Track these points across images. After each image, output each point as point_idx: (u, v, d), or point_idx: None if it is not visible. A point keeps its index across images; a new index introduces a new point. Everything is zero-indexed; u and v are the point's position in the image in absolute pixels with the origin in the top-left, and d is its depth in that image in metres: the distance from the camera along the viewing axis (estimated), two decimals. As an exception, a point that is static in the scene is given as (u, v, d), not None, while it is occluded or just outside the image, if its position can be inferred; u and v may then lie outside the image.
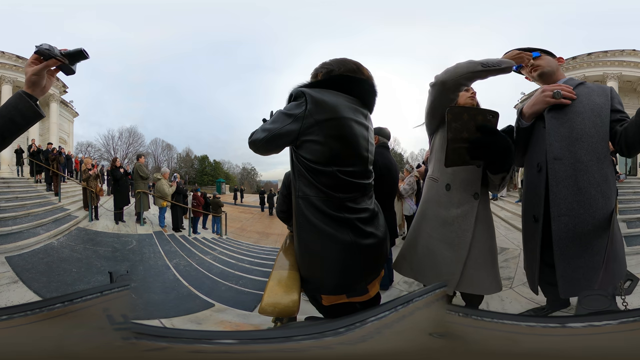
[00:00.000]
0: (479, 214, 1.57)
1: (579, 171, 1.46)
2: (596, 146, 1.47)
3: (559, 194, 1.49)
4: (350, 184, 1.29)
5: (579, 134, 1.47)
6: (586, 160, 1.46)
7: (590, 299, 0.52)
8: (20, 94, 1.10)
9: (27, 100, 1.10)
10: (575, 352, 0.42)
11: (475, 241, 1.56)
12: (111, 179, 7.39)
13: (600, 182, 1.47)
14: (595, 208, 1.47)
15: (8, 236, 4.75)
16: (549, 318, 0.46)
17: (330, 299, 1.39)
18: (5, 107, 1.09)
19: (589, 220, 1.46)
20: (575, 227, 1.47)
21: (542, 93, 1.53)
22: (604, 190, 1.48)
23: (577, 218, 1.47)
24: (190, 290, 4.28)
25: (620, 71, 10.41)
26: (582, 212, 1.47)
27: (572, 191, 1.47)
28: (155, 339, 0.43)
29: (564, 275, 1.51)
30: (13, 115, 1.08)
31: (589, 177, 1.46)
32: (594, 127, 1.48)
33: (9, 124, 1.08)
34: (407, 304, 0.49)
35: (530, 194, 1.64)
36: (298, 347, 0.43)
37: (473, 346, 0.45)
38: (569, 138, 1.48)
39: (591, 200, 1.46)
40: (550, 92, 1.50)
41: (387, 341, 0.45)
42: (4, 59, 9.59)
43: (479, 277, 1.56)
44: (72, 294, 0.49)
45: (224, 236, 8.44)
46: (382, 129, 2.80)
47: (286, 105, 1.29)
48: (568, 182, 1.48)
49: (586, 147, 1.47)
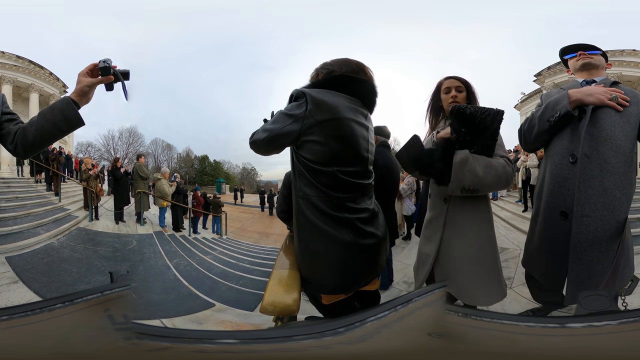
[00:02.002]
0: (448, 218, 1.52)
1: (606, 172, 1.42)
2: (624, 149, 1.43)
3: (584, 192, 1.43)
4: (350, 184, 1.29)
5: (607, 135, 1.43)
6: (613, 161, 1.42)
7: (590, 299, 0.52)
8: (68, 101, 1.13)
9: (74, 108, 1.13)
10: (575, 352, 0.42)
11: (444, 245, 1.52)
12: (111, 179, 7.40)
13: (625, 185, 1.43)
14: (620, 211, 1.42)
15: (8, 236, 4.74)
16: (549, 318, 0.46)
17: (329, 298, 1.39)
18: (51, 111, 1.12)
19: (612, 223, 1.40)
20: (596, 230, 1.41)
21: (603, 91, 1.47)
22: (629, 193, 1.44)
23: (599, 220, 1.41)
24: (190, 290, 4.28)
25: (620, 71, 10.40)
26: (605, 214, 1.41)
27: (596, 192, 1.42)
28: (157, 339, 0.43)
29: (576, 282, 1.44)
30: (58, 120, 1.11)
31: (615, 179, 1.41)
32: (622, 132, 1.44)
33: (53, 128, 1.11)
34: (406, 304, 0.49)
35: (557, 187, 1.53)
36: (298, 347, 0.43)
37: (472, 346, 0.45)
38: (598, 138, 1.44)
39: (615, 202, 1.41)
40: (610, 94, 1.46)
41: (386, 341, 0.45)
42: (4, 59, 9.59)
43: (447, 278, 1.51)
44: (72, 294, 0.49)
45: (224, 236, 8.44)
46: (382, 128, 2.79)
47: (287, 106, 1.29)
48: (594, 182, 1.42)
49: (614, 148, 1.42)
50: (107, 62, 1.18)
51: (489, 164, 1.39)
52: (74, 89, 1.17)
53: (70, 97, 1.15)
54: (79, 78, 1.17)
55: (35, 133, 1.11)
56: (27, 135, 1.11)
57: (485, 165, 1.39)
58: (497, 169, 1.40)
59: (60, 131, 1.13)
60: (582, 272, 1.43)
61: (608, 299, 0.52)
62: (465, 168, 1.36)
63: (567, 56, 1.73)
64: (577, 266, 1.44)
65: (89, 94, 1.17)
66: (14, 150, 1.14)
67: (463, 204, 1.51)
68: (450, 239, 1.51)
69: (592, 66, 1.63)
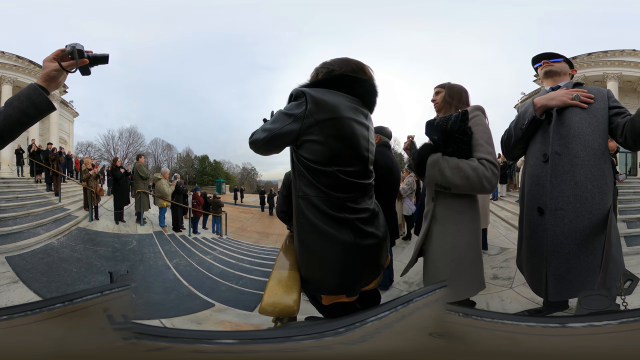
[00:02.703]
0: (435, 214, 1.58)
1: (576, 166, 1.51)
2: (592, 143, 1.52)
3: (557, 187, 1.52)
4: (350, 184, 1.29)
5: (575, 132, 1.53)
6: (583, 155, 1.51)
7: (590, 299, 0.52)
8: (34, 86, 1.11)
9: (42, 93, 1.11)
10: (575, 352, 0.42)
11: (428, 237, 1.58)
12: (111, 178, 7.40)
13: (597, 177, 1.50)
14: (592, 202, 1.49)
15: (8, 236, 4.75)
16: (549, 318, 0.46)
17: (329, 298, 1.39)
18: (18, 99, 1.09)
19: (585, 215, 1.48)
20: (571, 222, 1.49)
21: (564, 93, 1.59)
22: (601, 185, 1.51)
23: (573, 212, 1.49)
24: (190, 290, 4.28)
25: (620, 71, 10.40)
26: (578, 206, 1.49)
27: (569, 185, 1.50)
28: (155, 339, 0.43)
29: (556, 275, 1.50)
30: (26, 107, 1.08)
31: (586, 172, 1.50)
32: (589, 127, 1.53)
33: (21, 115, 1.08)
34: (407, 304, 0.49)
35: (534, 186, 1.63)
36: (298, 347, 0.43)
37: (473, 346, 0.45)
38: (567, 136, 1.54)
39: (587, 194, 1.49)
40: (571, 94, 1.57)
41: (387, 341, 0.45)
42: (4, 59, 9.59)
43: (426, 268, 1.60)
44: (72, 294, 0.49)
45: (224, 236, 8.44)
46: (383, 128, 2.79)
47: (286, 105, 1.29)
48: (566, 177, 1.51)
49: (582, 143, 1.52)
50: (76, 45, 1.15)
51: (457, 166, 1.43)
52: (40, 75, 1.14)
53: (36, 83, 1.13)
54: (45, 64, 1.14)
55: (3, 122, 1.07)
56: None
57: (453, 167, 1.44)
58: (465, 171, 1.41)
59: (29, 117, 1.09)
60: (560, 264, 1.50)
61: (608, 298, 0.52)
62: (435, 168, 1.48)
63: (535, 65, 1.87)
64: (555, 259, 1.51)
65: (57, 78, 1.14)
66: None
67: (446, 201, 1.55)
68: (432, 232, 1.58)
69: (554, 73, 1.78)
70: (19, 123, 1.09)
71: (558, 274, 1.50)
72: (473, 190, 1.50)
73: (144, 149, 20.41)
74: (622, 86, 10.45)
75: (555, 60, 1.80)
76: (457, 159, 1.45)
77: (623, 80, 10.49)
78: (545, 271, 1.56)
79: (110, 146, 19.85)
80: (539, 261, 1.60)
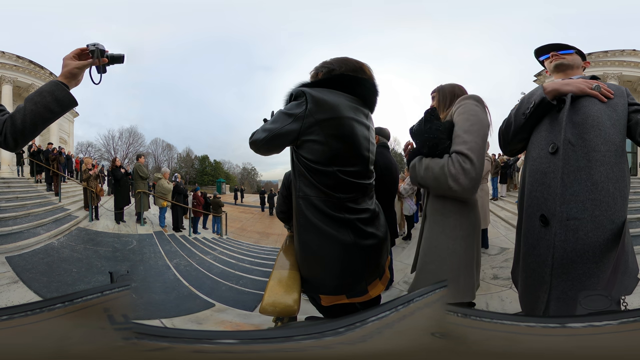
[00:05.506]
0: (427, 210, 1.56)
1: (595, 162, 1.18)
2: (613, 138, 1.21)
3: (570, 187, 1.19)
4: (350, 184, 1.28)
5: (593, 122, 1.22)
6: (603, 150, 1.19)
7: (590, 299, 0.52)
8: (57, 83, 1.12)
9: (64, 88, 1.12)
10: (575, 352, 0.42)
11: (423, 236, 1.55)
12: (111, 179, 7.40)
13: (619, 177, 1.19)
14: (614, 209, 1.17)
15: (8, 236, 4.75)
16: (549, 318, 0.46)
17: (329, 299, 1.39)
18: (39, 94, 1.10)
19: (606, 225, 1.15)
20: (588, 235, 1.16)
21: (583, 81, 1.33)
22: (622, 188, 1.20)
23: (591, 222, 1.16)
24: (190, 290, 4.28)
25: (620, 71, 10.40)
26: (597, 214, 1.16)
27: (585, 186, 1.18)
28: (156, 339, 0.43)
29: (562, 298, 1.19)
30: (49, 102, 1.09)
31: (607, 170, 1.18)
32: (609, 120, 1.24)
33: (44, 111, 1.09)
34: (407, 303, 0.49)
35: (537, 186, 1.29)
36: (298, 347, 0.43)
37: (473, 346, 0.45)
38: (584, 125, 1.22)
39: (609, 198, 1.17)
40: (591, 84, 1.30)
41: (387, 341, 0.45)
42: (4, 59, 9.59)
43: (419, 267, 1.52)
44: (72, 294, 0.49)
45: (224, 236, 8.44)
46: (382, 129, 2.81)
47: (286, 105, 1.28)
48: (581, 175, 1.18)
49: (603, 135, 1.20)
50: (97, 45, 1.18)
51: (427, 166, 1.37)
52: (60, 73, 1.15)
53: (58, 79, 1.13)
54: (65, 62, 1.15)
55: (25, 118, 1.06)
56: (16, 123, 1.06)
57: (425, 168, 1.38)
58: (434, 171, 1.32)
59: (52, 113, 1.09)
60: (570, 288, 1.18)
61: (608, 299, 0.51)
62: (414, 170, 1.48)
63: (541, 57, 1.60)
64: (563, 282, 1.19)
65: (78, 76, 1.16)
66: (4, 142, 1.09)
67: (432, 202, 1.50)
68: (424, 232, 1.55)
69: (565, 67, 1.49)
70: (42, 119, 1.09)
71: (567, 297, 1.18)
72: (445, 192, 1.33)
73: (144, 149, 20.41)
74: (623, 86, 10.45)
75: (566, 52, 1.51)
76: (430, 159, 1.37)
77: (623, 80, 10.49)
78: (547, 296, 1.23)
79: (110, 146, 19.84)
80: (539, 284, 1.26)
